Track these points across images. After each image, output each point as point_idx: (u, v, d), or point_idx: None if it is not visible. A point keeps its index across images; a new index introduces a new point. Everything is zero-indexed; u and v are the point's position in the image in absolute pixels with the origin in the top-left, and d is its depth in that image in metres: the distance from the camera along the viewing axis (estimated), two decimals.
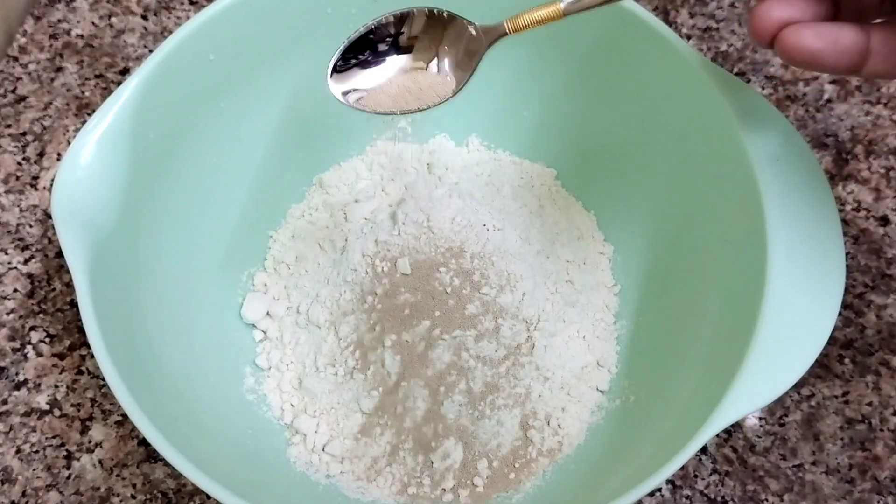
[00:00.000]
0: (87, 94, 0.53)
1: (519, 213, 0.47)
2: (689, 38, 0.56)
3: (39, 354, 0.45)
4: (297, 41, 0.44)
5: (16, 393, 0.44)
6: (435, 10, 0.35)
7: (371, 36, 0.35)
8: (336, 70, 0.35)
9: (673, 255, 0.43)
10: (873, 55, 0.31)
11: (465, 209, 0.44)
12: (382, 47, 0.35)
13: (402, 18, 0.35)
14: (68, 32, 0.56)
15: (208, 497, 0.37)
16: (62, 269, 0.47)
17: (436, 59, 0.35)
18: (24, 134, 0.51)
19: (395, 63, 0.35)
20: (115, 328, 0.34)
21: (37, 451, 0.42)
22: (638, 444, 0.37)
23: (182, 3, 0.57)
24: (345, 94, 0.35)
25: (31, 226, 0.48)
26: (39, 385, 0.44)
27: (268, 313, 0.45)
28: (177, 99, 0.40)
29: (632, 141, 0.45)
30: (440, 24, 0.35)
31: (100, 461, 0.42)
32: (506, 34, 0.34)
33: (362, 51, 0.35)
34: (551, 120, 0.48)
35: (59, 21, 0.56)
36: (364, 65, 0.35)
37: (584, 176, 0.48)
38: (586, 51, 0.44)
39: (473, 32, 0.34)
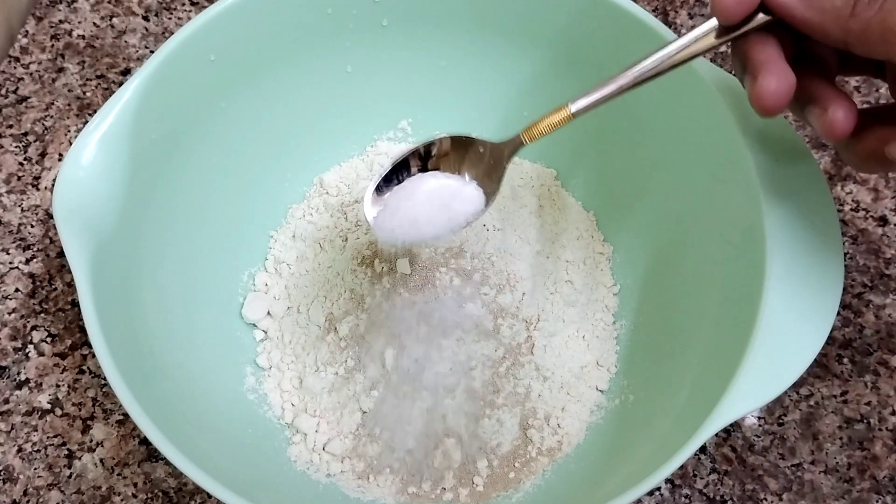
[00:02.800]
0: (88, 94, 0.53)
1: (519, 213, 0.47)
2: None
3: (41, 354, 0.45)
4: (297, 41, 0.44)
5: (17, 392, 0.44)
6: (458, 136, 0.38)
7: (401, 165, 0.38)
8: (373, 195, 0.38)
9: (672, 254, 0.43)
10: None
11: None
12: (413, 171, 0.38)
13: (428, 146, 0.38)
14: (70, 33, 0.56)
15: (209, 496, 0.37)
16: (63, 268, 0.47)
17: (464, 174, 0.38)
18: (25, 134, 0.52)
19: (426, 181, 0.38)
20: (117, 328, 0.34)
21: (38, 451, 0.42)
22: (637, 444, 0.37)
23: (183, 4, 0.57)
24: (378, 215, 0.37)
25: (32, 226, 0.49)
26: (41, 384, 0.44)
27: (268, 313, 0.45)
28: (178, 99, 0.40)
29: (631, 141, 0.45)
30: (462, 147, 0.38)
31: (101, 460, 0.42)
32: (523, 144, 0.36)
33: (393, 177, 0.38)
34: None
35: (61, 22, 0.56)
36: (396, 186, 0.38)
37: (584, 176, 0.48)
38: (586, 52, 0.44)
39: (492, 148, 0.37)
